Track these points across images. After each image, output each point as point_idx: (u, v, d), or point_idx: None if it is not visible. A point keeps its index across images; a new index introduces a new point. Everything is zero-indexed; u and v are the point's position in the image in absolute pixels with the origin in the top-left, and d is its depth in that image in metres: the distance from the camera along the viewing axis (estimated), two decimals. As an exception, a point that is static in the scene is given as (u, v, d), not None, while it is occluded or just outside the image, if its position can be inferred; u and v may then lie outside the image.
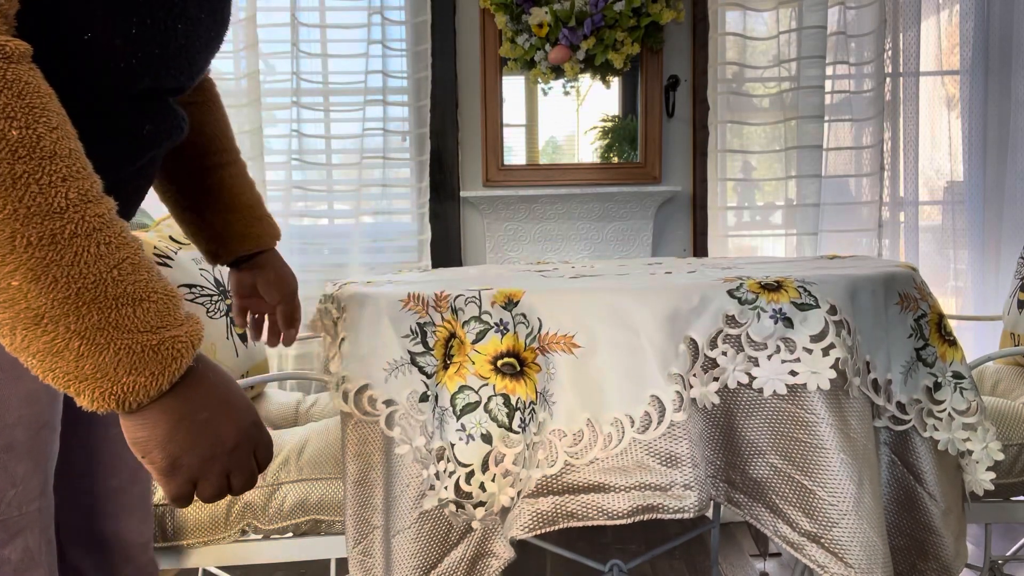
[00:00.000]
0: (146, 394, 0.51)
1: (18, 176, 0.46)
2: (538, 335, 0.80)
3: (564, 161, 2.48)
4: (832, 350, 0.79)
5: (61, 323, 0.47)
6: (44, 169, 0.47)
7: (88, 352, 0.48)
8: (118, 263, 0.50)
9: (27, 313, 0.47)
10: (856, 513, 0.78)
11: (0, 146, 0.46)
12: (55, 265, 0.47)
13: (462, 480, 0.79)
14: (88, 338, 0.48)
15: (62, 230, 0.47)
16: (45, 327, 0.47)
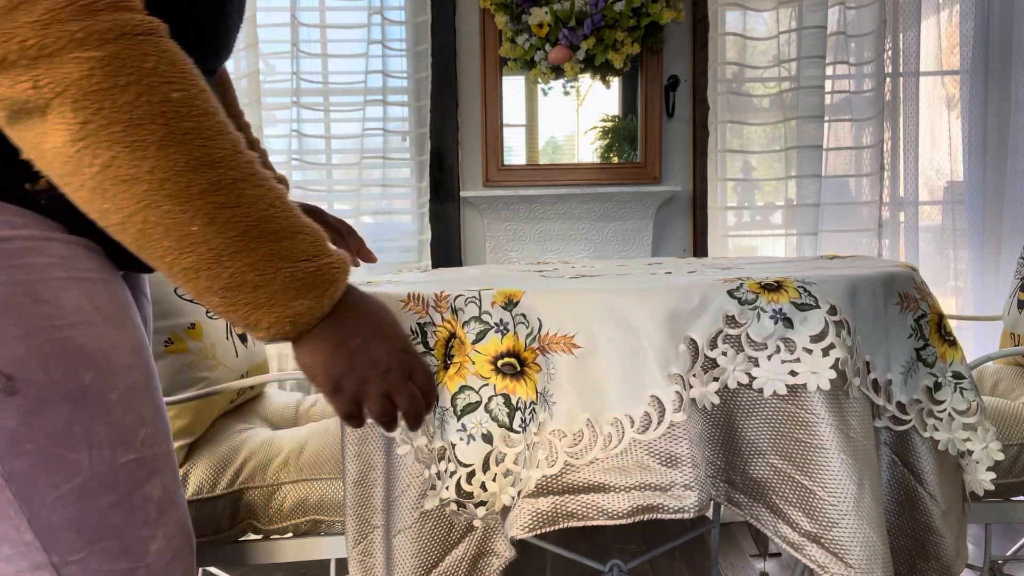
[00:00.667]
0: (311, 316, 0.58)
1: (185, 132, 0.52)
2: (538, 335, 0.80)
3: (564, 161, 2.48)
4: (832, 350, 0.79)
5: (237, 259, 0.54)
6: (203, 125, 0.53)
7: (262, 282, 0.55)
8: (272, 202, 0.56)
9: (208, 254, 0.54)
10: (856, 513, 0.78)
11: (167, 107, 0.51)
12: (225, 208, 0.53)
13: (463, 480, 0.79)
14: (260, 270, 0.55)
15: (224, 176, 0.54)
16: (224, 265, 0.54)
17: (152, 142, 0.51)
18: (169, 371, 1.10)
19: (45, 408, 0.58)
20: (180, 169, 0.52)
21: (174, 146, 0.52)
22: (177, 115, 0.52)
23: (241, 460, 1.10)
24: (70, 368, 0.60)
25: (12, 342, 0.56)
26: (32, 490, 0.57)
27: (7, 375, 0.56)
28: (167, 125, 0.52)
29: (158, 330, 1.10)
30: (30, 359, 0.57)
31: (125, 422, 0.63)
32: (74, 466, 0.59)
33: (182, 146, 0.52)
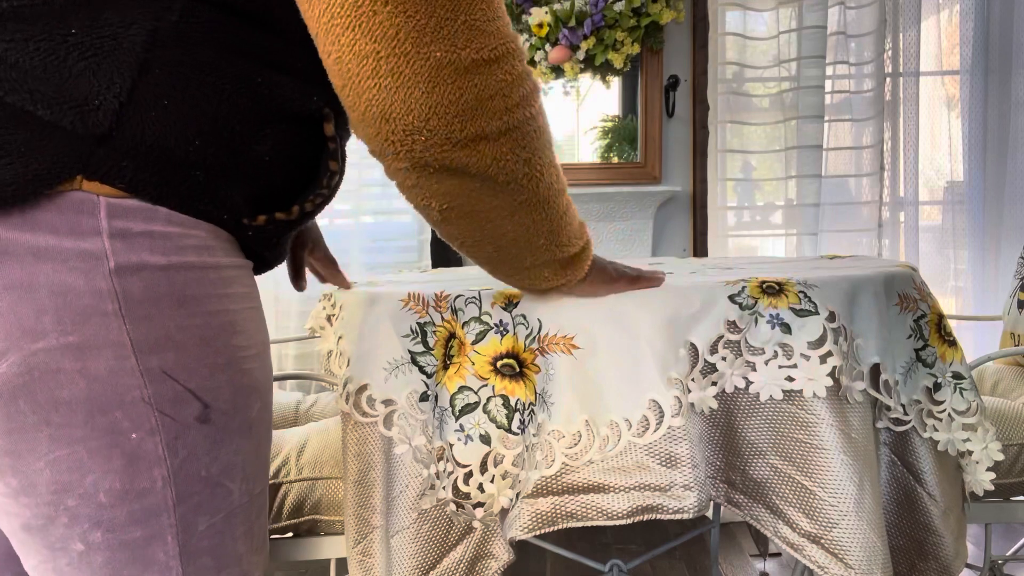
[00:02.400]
0: (586, 267, 0.76)
1: (551, 183, 0.66)
2: (538, 336, 0.80)
3: (564, 161, 2.48)
4: (829, 358, 0.79)
5: (573, 244, 0.72)
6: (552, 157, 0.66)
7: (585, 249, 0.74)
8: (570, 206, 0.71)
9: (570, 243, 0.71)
10: (856, 514, 0.78)
11: (547, 146, 0.64)
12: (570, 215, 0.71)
13: (460, 480, 0.79)
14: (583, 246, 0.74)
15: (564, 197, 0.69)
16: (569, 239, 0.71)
17: (546, 168, 0.65)
18: (169, 371, 1.10)
19: (225, 438, 0.60)
20: (551, 186, 0.67)
21: (552, 171, 0.67)
22: (551, 148, 0.67)
23: (241, 460, 1.10)
24: (249, 401, 0.63)
25: (214, 372, 0.58)
26: (194, 516, 0.59)
27: (205, 403, 0.58)
28: (550, 157, 0.66)
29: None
30: (224, 390, 0.59)
31: (265, 454, 0.67)
32: (229, 496, 0.62)
33: (554, 170, 0.68)
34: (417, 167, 0.57)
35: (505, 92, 0.56)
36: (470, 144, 0.56)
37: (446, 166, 0.57)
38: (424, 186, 0.60)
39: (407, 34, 0.50)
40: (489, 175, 0.59)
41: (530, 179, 0.62)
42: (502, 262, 0.71)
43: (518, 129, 0.58)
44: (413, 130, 0.54)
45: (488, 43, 0.54)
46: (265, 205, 0.62)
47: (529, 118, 0.59)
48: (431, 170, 0.58)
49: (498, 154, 0.58)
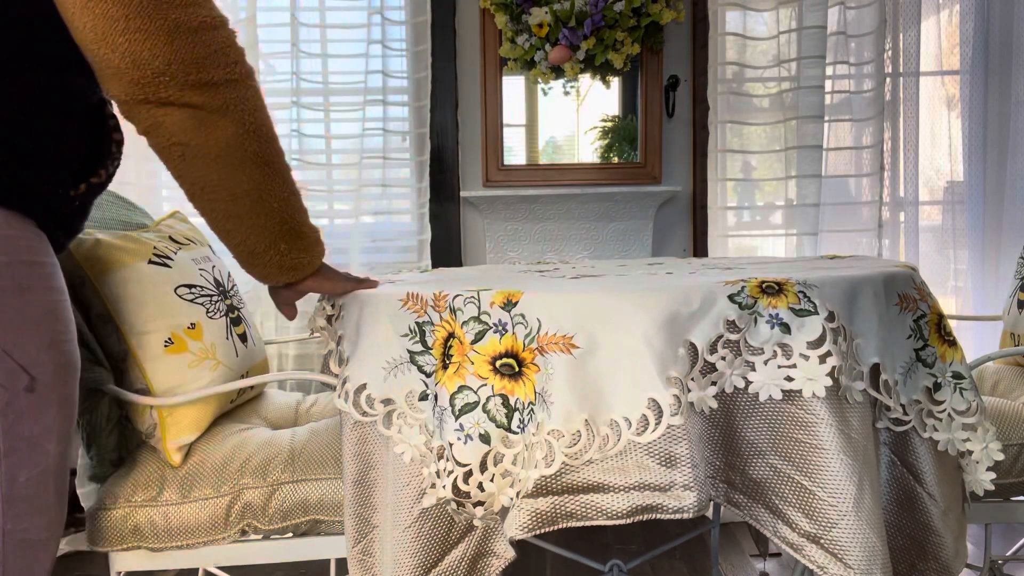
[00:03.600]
0: (315, 264, 0.92)
1: (277, 153, 0.83)
2: (537, 335, 0.80)
3: (564, 161, 2.48)
4: (829, 358, 0.79)
5: (308, 229, 0.90)
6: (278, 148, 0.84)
7: (301, 247, 0.89)
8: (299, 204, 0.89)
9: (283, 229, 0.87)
10: (856, 514, 0.78)
11: (270, 130, 0.82)
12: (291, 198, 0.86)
13: (460, 480, 0.79)
14: (301, 240, 0.89)
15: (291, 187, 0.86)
16: (302, 233, 0.89)
17: (271, 143, 0.82)
18: (169, 371, 1.10)
19: (46, 407, 0.75)
20: (279, 168, 0.84)
21: (277, 153, 0.84)
22: (273, 137, 0.83)
23: (241, 460, 1.10)
24: (66, 377, 0.78)
25: (40, 351, 0.74)
26: (17, 470, 0.73)
27: (32, 376, 0.73)
28: (273, 137, 0.83)
29: (159, 329, 1.10)
30: (48, 366, 0.75)
31: (73, 423, 0.82)
32: (46, 455, 0.76)
33: (278, 154, 0.84)
34: (163, 105, 0.73)
35: (226, 51, 0.75)
36: (203, 87, 0.73)
37: (186, 103, 0.73)
38: (168, 125, 0.75)
39: (148, 1, 0.69)
40: (220, 113, 0.76)
41: (258, 134, 0.79)
42: (238, 217, 0.82)
43: (241, 83, 0.76)
44: (159, 72, 0.71)
45: (210, 12, 0.74)
46: (81, 176, 0.82)
47: (247, 76, 0.77)
48: (174, 107, 0.73)
49: (226, 99, 0.75)
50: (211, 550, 1.09)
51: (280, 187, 0.83)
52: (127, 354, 1.10)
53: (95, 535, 1.06)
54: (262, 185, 0.81)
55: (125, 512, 1.06)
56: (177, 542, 1.06)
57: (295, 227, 0.87)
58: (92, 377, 1.06)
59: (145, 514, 1.06)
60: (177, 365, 1.11)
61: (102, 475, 1.09)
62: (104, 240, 1.10)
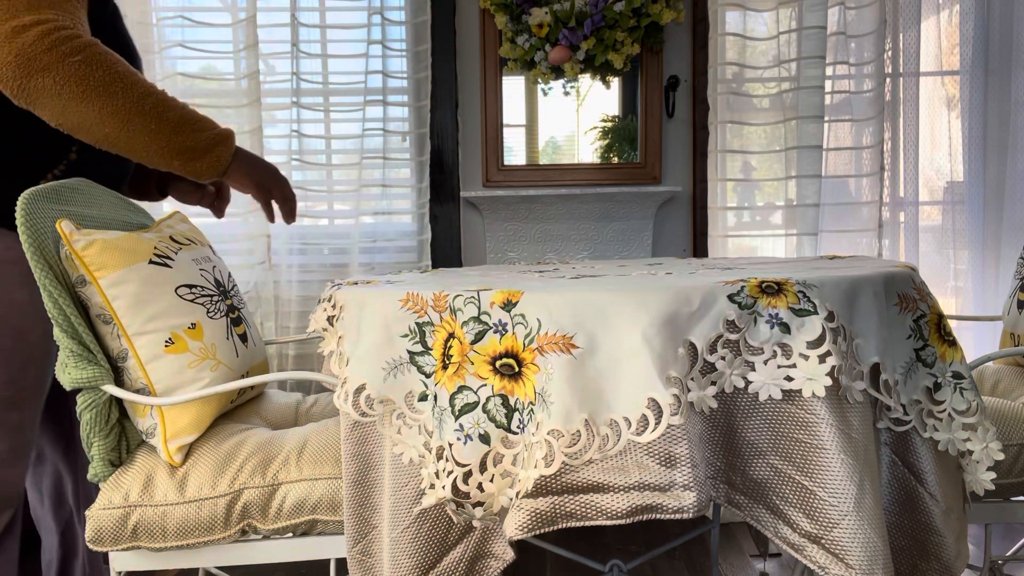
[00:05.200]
0: (227, 157, 1.15)
1: (131, 84, 1.05)
2: (537, 335, 0.80)
3: (564, 161, 2.48)
4: (828, 358, 0.79)
5: (176, 139, 1.09)
6: (136, 80, 1.06)
7: (195, 147, 1.12)
8: (183, 107, 1.11)
9: (161, 140, 1.08)
10: (857, 514, 0.78)
11: (118, 73, 1.04)
12: (164, 114, 1.08)
13: (459, 480, 0.79)
14: (191, 141, 1.11)
15: (158, 100, 1.07)
16: (172, 143, 1.09)
17: (118, 91, 1.03)
18: (169, 371, 1.10)
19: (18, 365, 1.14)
20: (135, 101, 1.05)
21: (128, 90, 1.04)
22: (129, 75, 1.05)
23: (241, 460, 1.10)
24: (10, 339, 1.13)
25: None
26: None
27: None
28: (127, 84, 1.04)
29: (159, 329, 1.10)
30: None
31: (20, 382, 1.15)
32: None
33: (131, 89, 1.04)
34: (27, 102, 1.00)
35: (33, 46, 0.97)
36: (33, 76, 0.98)
37: (34, 96, 1.00)
38: (40, 111, 1.01)
39: None
40: (64, 94, 1.00)
41: (109, 94, 1.02)
42: (123, 150, 1.08)
43: (64, 65, 0.98)
44: (5, 82, 0.98)
45: (16, 17, 0.97)
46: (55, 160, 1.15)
47: (70, 54, 0.99)
48: (33, 102, 1.00)
49: (56, 80, 0.98)
50: (211, 550, 1.09)
51: (148, 130, 1.06)
52: (127, 354, 1.10)
53: (95, 535, 1.06)
54: (132, 135, 1.05)
55: (125, 512, 1.06)
56: (177, 542, 1.06)
57: (183, 148, 1.10)
58: (92, 376, 1.06)
59: (145, 514, 1.06)
60: (177, 365, 1.11)
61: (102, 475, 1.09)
62: (104, 240, 1.10)
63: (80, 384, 1.06)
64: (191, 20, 2.24)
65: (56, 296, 1.05)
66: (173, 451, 1.09)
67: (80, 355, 1.06)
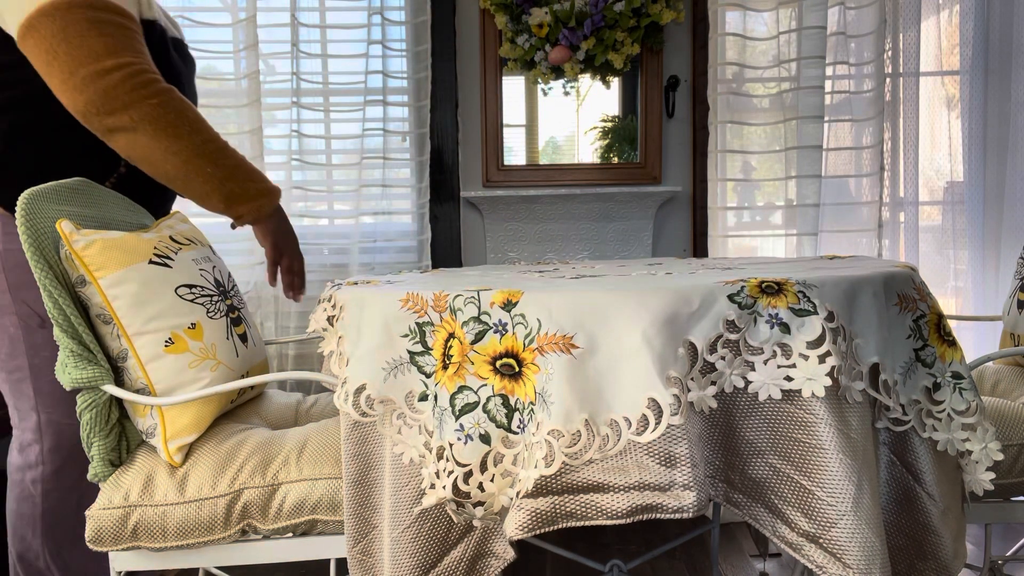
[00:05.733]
0: (269, 208, 1.30)
1: (198, 129, 1.18)
2: (537, 335, 0.80)
3: (564, 161, 2.48)
4: (828, 358, 0.79)
5: (227, 184, 1.23)
6: (203, 126, 1.19)
7: (242, 193, 1.25)
8: (240, 158, 1.25)
9: (214, 183, 1.21)
10: (855, 513, 0.78)
11: (188, 118, 1.17)
12: (220, 160, 1.21)
13: (460, 480, 0.79)
14: (240, 187, 1.25)
15: (217, 147, 1.20)
16: (223, 187, 1.22)
17: (185, 135, 1.16)
18: (169, 371, 1.10)
19: (49, 335, 1.24)
20: (198, 145, 1.18)
21: (194, 135, 1.17)
22: (197, 122, 1.19)
23: (241, 460, 1.10)
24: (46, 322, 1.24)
25: (41, 302, 1.22)
26: (41, 375, 1.25)
27: (42, 317, 1.24)
28: (193, 129, 1.18)
29: (159, 329, 1.10)
30: (43, 310, 1.21)
31: None
32: (51, 365, 1.25)
33: (196, 134, 1.18)
34: (102, 133, 1.14)
35: (116, 88, 1.10)
36: (108, 117, 1.11)
37: (111, 130, 1.13)
38: (114, 144, 1.16)
39: (63, 61, 1.09)
40: (130, 131, 1.13)
41: (167, 135, 1.14)
42: (178, 185, 1.20)
43: (138, 106, 1.12)
44: (88, 117, 1.12)
45: (100, 64, 1.09)
46: (108, 172, 1.30)
47: (148, 96, 1.12)
48: (108, 133, 1.14)
49: (131, 120, 1.12)
50: (211, 550, 1.09)
51: (204, 172, 1.19)
52: (127, 354, 1.10)
53: (95, 535, 1.06)
54: (188, 173, 1.18)
55: (125, 512, 1.06)
56: (177, 542, 1.07)
57: (229, 193, 1.23)
58: (92, 376, 1.06)
59: (145, 514, 1.06)
60: (177, 365, 1.11)
61: (102, 475, 1.09)
62: (104, 240, 1.10)
63: (80, 384, 1.06)
64: (191, 20, 2.24)
65: (56, 296, 1.05)
66: (173, 451, 1.09)
67: (80, 355, 1.06)
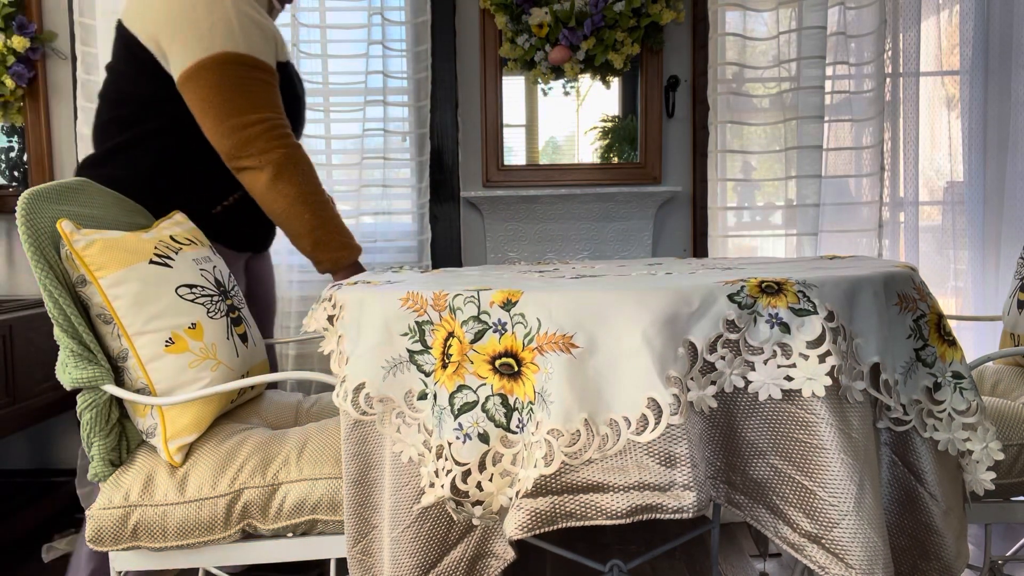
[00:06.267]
0: (349, 261, 1.49)
1: (309, 182, 1.46)
2: (536, 335, 0.80)
3: (564, 161, 2.48)
4: (828, 357, 0.79)
5: (326, 237, 1.47)
6: (316, 181, 1.48)
7: (332, 244, 1.47)
8: (336, 216, 1.50)
9: (313, 233, 1.46)
10: (857, 513, 0.78)
11: (306, 171, 1.46)
12: (322, 215, 1.46)
13: (458, 479, 0.79)
14: (336, 240, 1.48)
15: (322, 203, 1.47)
16: (321, 240, 1.46)
17: (297, 183, 1.41)
18: (169, 371, 1.10)
19: None
20: (304, 195, 1.42)
21: (304, 184, 1.43)
22: (309, 176, 1.45)
23: (241, 460, 1.10)
24: None
25: None
26: None
27: None
28: (304, 180, 1.43)
29: (159, 329, 1.10)
30: None
31: None
32: None
33: (306, 184, 1.43)
34: (235, 169, 1.40)
35: (254, 142, 1.36)
36: (244, 161, 1.38)
37: (241, 168, 1.39)
38: (241, 178, 1.41)
39: (217, 110, 1.35)
40: (257, 172, 1.39)
41: (280, 190, 1.39)
42: (285, 226, 1.44)
43: (268, 156, 1.38)
44: (229, 156, 1.38)
45: (246, 118, 1.36)
46: (219, 199, 1.49)
47: (278, 147, 1.38)
48: (239, 171, 1.39)
49: (260, 162, 1.37)
50: (211, 550, 1.09)
51: (302, 217, 1.42)
52: (128, 354, 1.10)
53: (95, 535, 1.06)
54: (290, 214, 1.41)
55: (125, 512, 1.06)
56: (177, 542, 1.06)
57: (317, 239, 1.44)
58: (92, 376, 1.06)
59: (145, 514, 1.06)
60: (178, 365, 1.11)
61: (102, 475, 1.09)
62: (105, 240, 1.10)
63: (80, 384, 1.06)
64: (191, 20, 2.23)
65: (56, 296, 1.05)
66: (173, 451, 1.09)
67: (80, 355, 1.06)
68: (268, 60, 1.41)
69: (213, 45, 1.32)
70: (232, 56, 1.34)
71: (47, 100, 2.37)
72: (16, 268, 2.44)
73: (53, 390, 1.99)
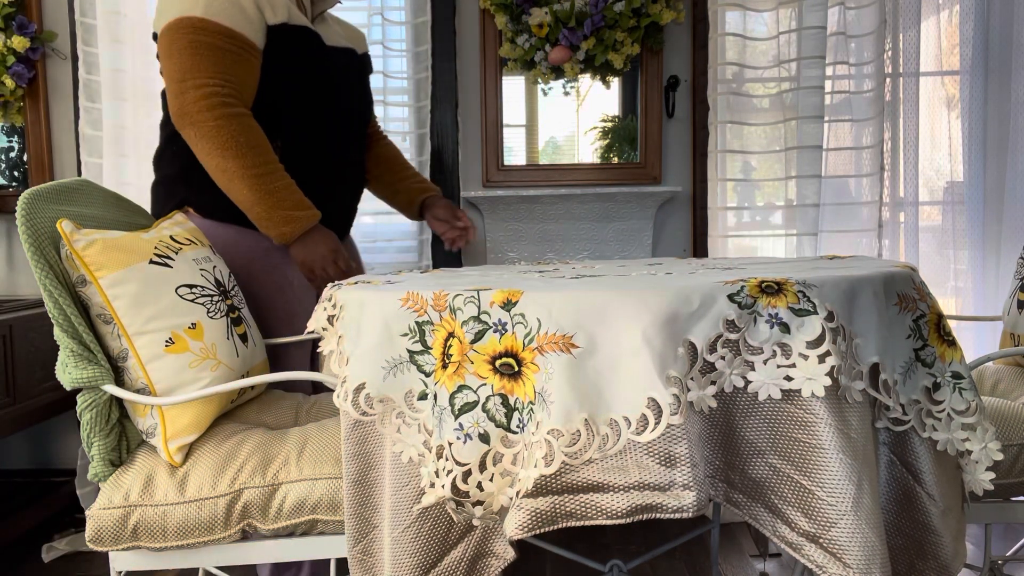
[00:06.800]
0: (300, 230, 1.39)
1: (250, 150, 1.34)
2: (536, 335, 0.80)
3: (564, 161, 2.48)
4: (828, 357, 0.79)
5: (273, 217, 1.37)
6: (262, 146, 1.37)
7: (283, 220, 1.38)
8: (281, 195, 1.37)
9: (253, 200, 1.36)
10: (855, 513, 0.78)
11: (244, 139, 1.34)
12: (266, 183, 1.36)
13: (459, 479, 0.79)
14: (271, 216, 1.38)
15: (265, 169, 1.36)
16: (263, 209, 1.36)
17: (231, 157, 1.32)
18: (169, 371, 1.10)
19: None
20: (239, 170, 1.33)
21: (239, 158, 1.33)
22: (247, 149, 1.34)
23: (241, 460, 1.10)
24: None
25: None
26: None
27: None
28: (240, 154, 1.33)
29: (159, 329, 1.10)
30: None
31: None
32: None
33: (241, 158, 1.33)
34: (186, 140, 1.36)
35: (190, 105, 1.31)
36: (186, 128, 1.33)
37: (187, 139, 1.35)
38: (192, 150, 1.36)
39: (166, 76, 1.35)
40: (198, 146, 1.34)
41: (216, 153, 1.32)
42: (239, 200, 1.37)
43: (203, 125, 1.31)
44: (173, 121, 1.34)
45: (184, 80, 1.32)
46: None
47: (213, 118, 1.31)
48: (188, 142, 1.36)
49: (198, 134, 1.32)
50: (211, 550, 1.09)
51: (241, 192, 1.35)
52: (128, 354, 1.10)
53: (95, 535, 1.06)
54: (228, 188, 1.35)
55: (125, 512, 1.06)
56: (177, 542, 1.07)
57: (258, 215, 1.36)
58: (92, 376, 1.06)
59: (145, 514, 1.06)
60: (178, 365, 1.11)
61: (102, 475, 1.09)
62: (105, 240, 1.10)
63: (80, 384, 1.06)
64: (191, 20, 2.23)
65: (56, 296, 1.05)
66: (173, 451, 1.10)
67: (80, 355, 1.06)
68: (234, 25, 1.34)
69: (171, 11, 1.33)
70: (185, 21, 1.32)
71: (47, 100, 2.37)
72: (16, 268, 2.44)
73: (53, 390, 1.99)
